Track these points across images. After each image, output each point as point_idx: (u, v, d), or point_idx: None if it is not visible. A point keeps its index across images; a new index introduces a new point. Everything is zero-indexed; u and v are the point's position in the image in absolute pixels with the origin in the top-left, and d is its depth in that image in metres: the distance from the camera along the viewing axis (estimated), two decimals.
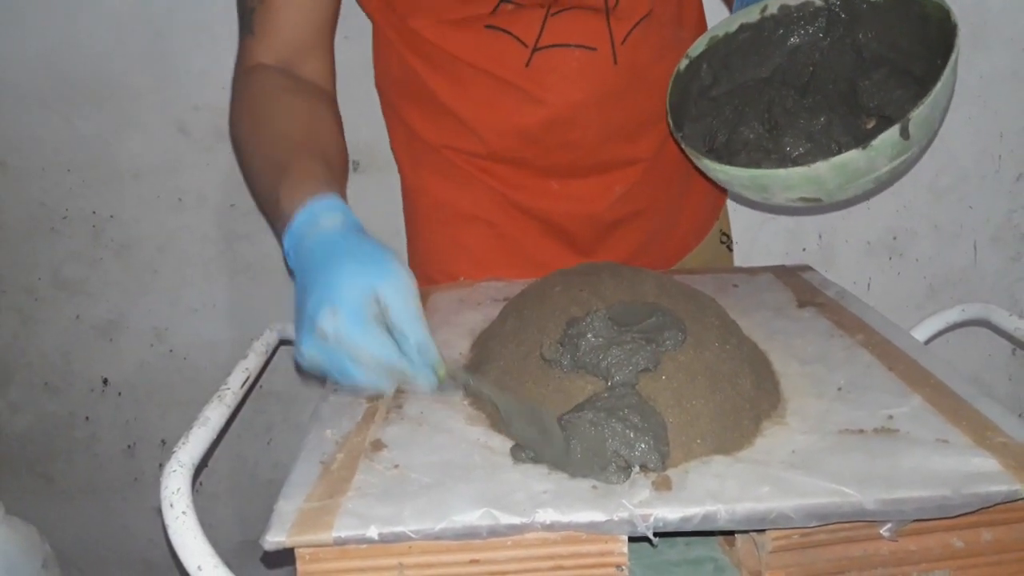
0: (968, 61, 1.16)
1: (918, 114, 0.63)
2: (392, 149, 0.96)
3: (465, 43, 0.80)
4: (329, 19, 0.82)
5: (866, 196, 1.17)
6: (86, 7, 1.08)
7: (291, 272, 0.63)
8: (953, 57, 0.64)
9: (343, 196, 0.66)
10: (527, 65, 0.80)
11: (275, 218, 0.68)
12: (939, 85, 0.63)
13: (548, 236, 0.90)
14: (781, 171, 0.67)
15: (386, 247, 0.60)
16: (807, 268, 0.90)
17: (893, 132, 0.63)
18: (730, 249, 1.04)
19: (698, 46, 0.81)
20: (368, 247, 0.59)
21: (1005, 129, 1.20)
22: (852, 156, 0.64)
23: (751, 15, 0.81)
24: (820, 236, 1.25)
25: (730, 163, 0.72)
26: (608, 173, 0.87)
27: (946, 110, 0.68)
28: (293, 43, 0.80)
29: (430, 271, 0.95)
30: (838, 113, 0.73)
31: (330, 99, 0.83)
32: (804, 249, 1.25)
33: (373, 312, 0.56)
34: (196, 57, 1.11)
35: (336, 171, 0.72)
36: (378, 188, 1.19)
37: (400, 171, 0.96)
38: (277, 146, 0.72)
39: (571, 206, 0.88)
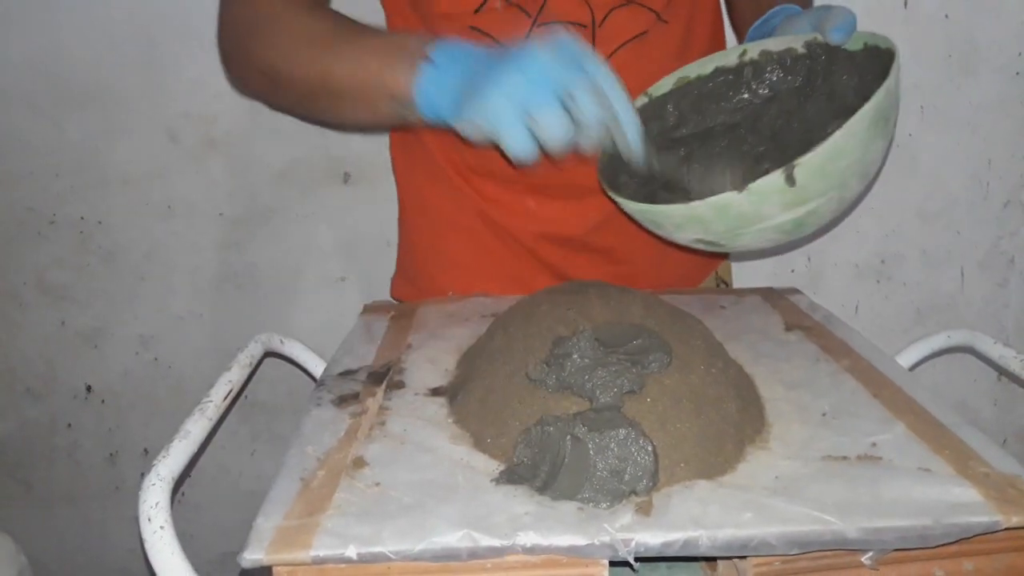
0: (957, 89, 1.18)
1: (807, 162, 0.59)
2: (390, 150, 0.96)
3: None
4: None
5: (785, 247, 1.14)
6: (78, 11, 1.08)
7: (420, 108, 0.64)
8: (864, 110, 0.59)
9: None
10: None
11: (378, 59, 0.66)
12: (837, 136, 0.59)
13: (523, 254, 0.89)
14: (663, 207, 0.65)
15: None
16: (795, 291, 0.90)
17: (775, 177, 0.60)
18: None
19: (662, 85, 0.80)
20: None
21: (993, 156, 1.21)
22: (730, 198, 0.61)
23: (728, 59, 0.79)
24: (809, 258, 1.25)
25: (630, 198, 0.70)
26: (584, 199, 0.85)
27: (866, 163, 0.64)
28: None
29: (414, 275, 0.95)
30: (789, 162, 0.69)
31: None
32: (792, 271, 1.25)
33: None
34: (187, 65, 1.11)
35: None
36: (368, 200, 1.19)
37: (394, 171, 0.96)
38: (342, 25, 0.70)
39: (545, 227, 0.87)
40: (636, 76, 0.80)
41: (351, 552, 0.46)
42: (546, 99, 0.58)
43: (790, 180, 0.60)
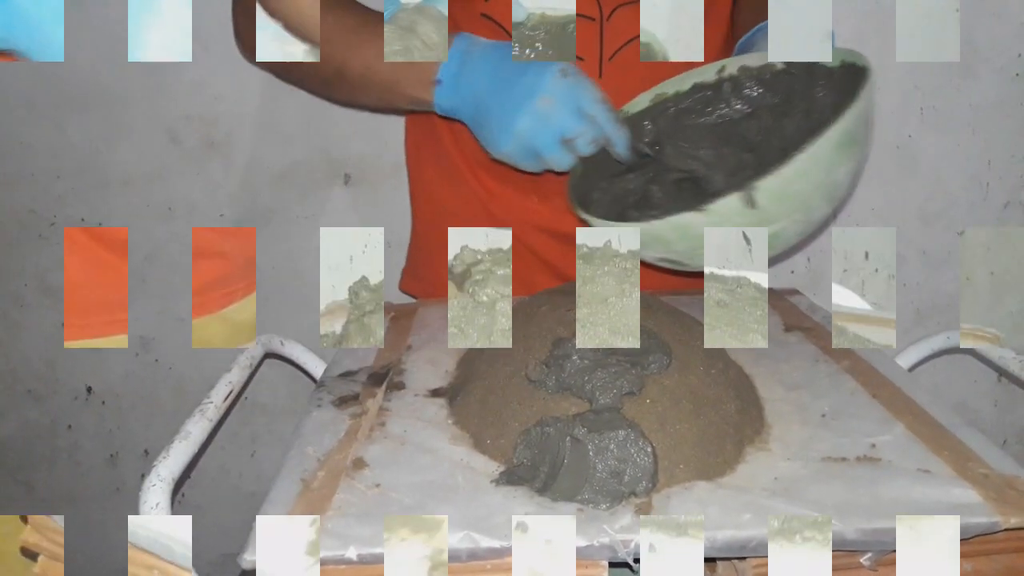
0: (957, 90, 1.18)
1: (767, 184, 0.58)
2: (405, 143, 0.97)
3: (463, 27, 0.80)
4: None
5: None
6: (78, 13, 1.08)
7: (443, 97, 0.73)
8: (828, 133, 0.58)
9: None
10: None
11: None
12: (798, 159, 0.58)
13: (524, 253, 0.89)
14: (621, 224, 0.65)
15: None
16: (795, 292, 0.91)
17: (734, 199, 0.59)
18: None
19: (638, 103, 0.79)
20: None
21: (993, 157, 1.21)
22: (689, 218, 0.61)
23: (707, 74, 0.79)
24: (808, 259, 1.25)
25: (601, 215, 0.70)
26: None
27: (832, 186, 0.63)
28: None
29: (423, 271, 0.96)
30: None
31: None
32: (792, 271, 1.25)
33: None
34: (188, 66, 1.11)
35: None
36: (369, 201, 1.19)
37: (408, 164, 0.97)
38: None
39: (547, 224, 0.88)
40: (638, 73, 0.81)
41: (351, 553, 0.46)
42: (550, 145, 0.71)
43: (750, 202, 0.59)
